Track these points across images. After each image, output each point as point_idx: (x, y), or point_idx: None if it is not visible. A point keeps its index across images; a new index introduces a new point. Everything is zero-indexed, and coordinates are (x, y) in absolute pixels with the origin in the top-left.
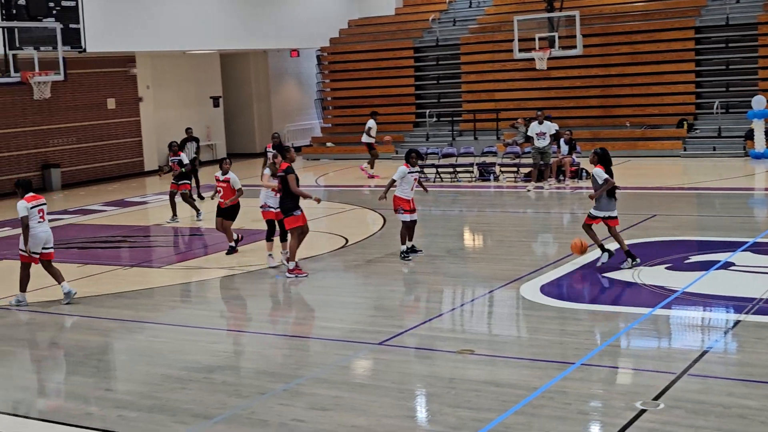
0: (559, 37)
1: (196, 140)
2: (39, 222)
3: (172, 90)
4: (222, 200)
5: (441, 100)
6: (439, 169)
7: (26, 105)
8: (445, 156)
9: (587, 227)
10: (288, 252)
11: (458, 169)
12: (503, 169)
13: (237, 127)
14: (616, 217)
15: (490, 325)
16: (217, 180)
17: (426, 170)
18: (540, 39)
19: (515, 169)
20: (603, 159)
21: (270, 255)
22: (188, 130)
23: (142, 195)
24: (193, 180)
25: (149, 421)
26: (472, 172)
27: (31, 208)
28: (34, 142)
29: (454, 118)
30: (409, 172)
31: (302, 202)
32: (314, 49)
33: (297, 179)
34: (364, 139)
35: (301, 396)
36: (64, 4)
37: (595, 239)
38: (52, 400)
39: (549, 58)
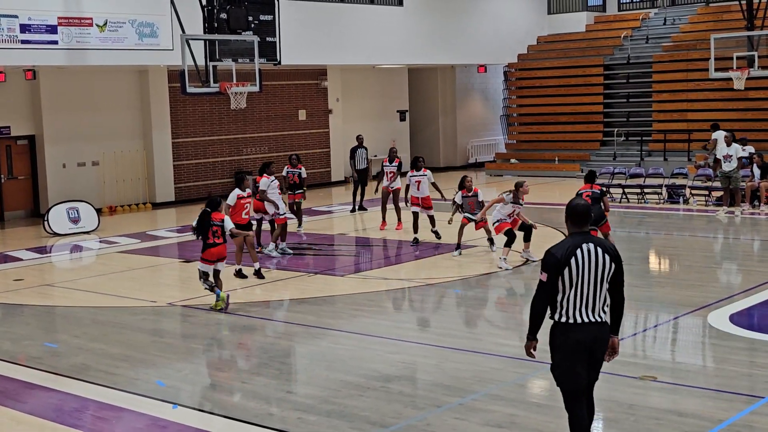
0: (759, 57)
1: (366, 149)
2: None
3: (360, 103)
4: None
5: (630, 119)
6: (626, 190)
7: (222, 114)
8: (633, 176)
9: None
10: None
11: (646, 191)
12: (694, 191)
13: (422, 141)
14: None
15: (674, 353)
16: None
17: (612, 190)
18: (738, 58)
19: (706, 192)
20: None
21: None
22: (359, 138)
23: (328, 205)
24: (359, 189)
25: (327, 426)
26: (661, 193)
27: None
28: (228, 150)
29: (643, 138)
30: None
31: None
32: (502, 65)
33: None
34: None
35: (476, 411)
36: (262, 18)
37: None
38: (235, 398)
39: (747, 78)
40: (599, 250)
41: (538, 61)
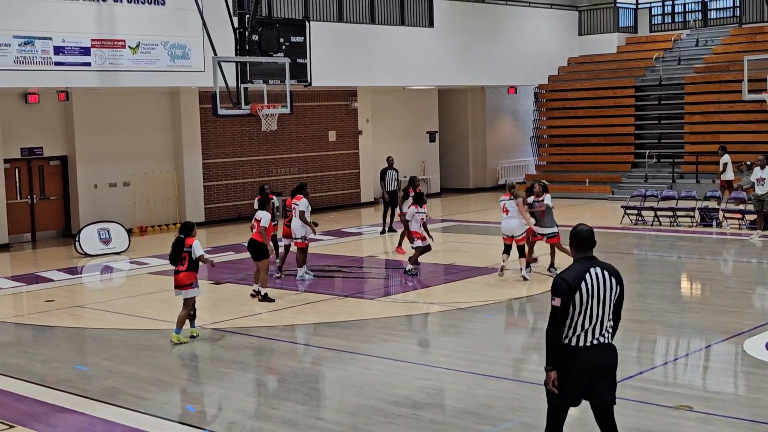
0: None
1: (396, 171)
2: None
3: (389, 124)
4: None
5: (662, 141)
6: (658, 213)
7: (253, 135)
8: (665, 199)
9: None
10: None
11: (678, 213)
12: (727, 215)
13: (451, 162)
14: None
15: (709, 381)
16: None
17: (644, 213)
18: None
19: (740, 215)
20: None
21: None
22: (389, 159)
23: (357, 226)
24: (389, 211)
25: None
26: (693, 216)
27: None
28: (258, 171)
29: (675, 160)
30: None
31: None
32: (532, 86)
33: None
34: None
35: None
36: (293, 39)
37: None
38: (264, 423)
39: None
40: (606, 273)
41: (569, 82)
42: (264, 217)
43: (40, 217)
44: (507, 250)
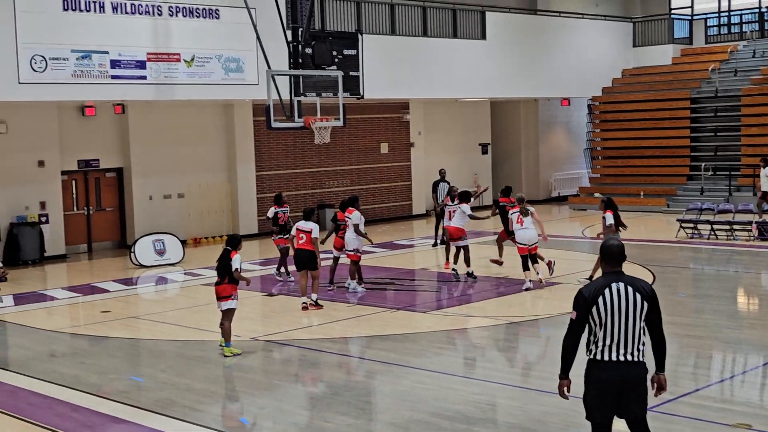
0: None
1: (448, 183)
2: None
3: (442, 136)
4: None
5: (718, 153)
6: (714, 226)
7: (305, 147)
8: (721, 212)
9: None
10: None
11: (735, 227)
12: None
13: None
14: None
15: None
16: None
17: (700, 226)
18: None
19: None
20: None
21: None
22: (441, 172)
23: (409, 238)
24: (441, 223)
25: None
26: (751, 230)
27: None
28: (311, 183)
29: (732, 173)
30: None
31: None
32: (585, 98)
33: None
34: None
35: None
36: (345, 53)
37: None
38: None
39: None
40: (630, 289)
41: (624, 94)
42: (314, 228)
43: (96, 229)
44: (525, 261)
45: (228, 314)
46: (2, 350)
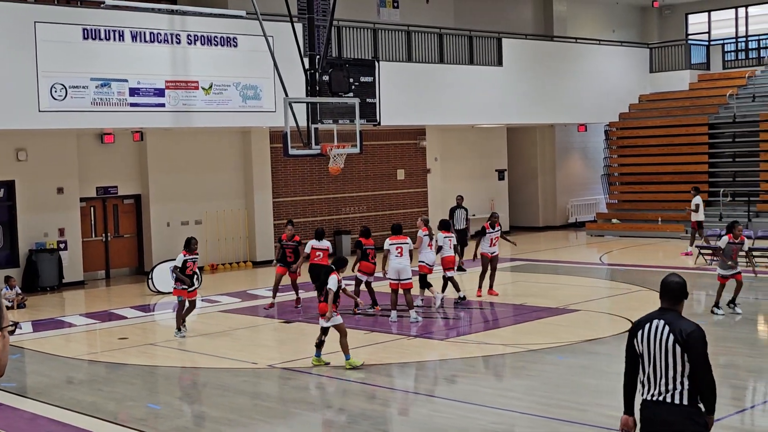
0: None
1: (465, 209)
2: (396, 256)
3: (458, 162)
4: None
5: (736, 179)
6: None
7: (322, 174)
8: None
9: None
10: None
11: (754, 253)
12: None
13: (520, 201)
14: None
15: None
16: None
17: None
18: None
19: None
20: None
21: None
22: (458, 198)
23: None
24: (458, 250)
25: None
26: None
27: (391, 244)
28: (327, 209)
29: (751, 198)
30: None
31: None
32: (602, 124)
33: None
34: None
35: None
36: (362, 80)
37: None
38: None
39: None
40: (666, 329)
41: (641, 119)
42: (329, 246)
43: (114, 255)
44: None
45: (338, 329)
46: (21, 377)
